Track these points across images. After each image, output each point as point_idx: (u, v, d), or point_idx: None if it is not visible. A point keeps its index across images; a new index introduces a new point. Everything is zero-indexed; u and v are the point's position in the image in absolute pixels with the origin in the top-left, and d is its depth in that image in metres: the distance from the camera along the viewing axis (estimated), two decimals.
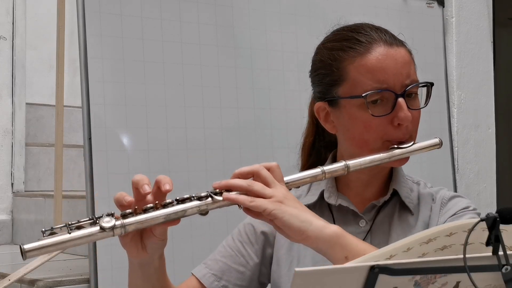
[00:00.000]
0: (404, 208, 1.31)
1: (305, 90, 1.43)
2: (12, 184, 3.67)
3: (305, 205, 1.34)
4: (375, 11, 2.83)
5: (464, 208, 1.28)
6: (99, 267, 2.13)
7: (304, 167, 1.44)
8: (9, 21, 3.75)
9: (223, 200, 1.11)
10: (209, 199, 1.11)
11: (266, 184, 1.13)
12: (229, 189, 1.12)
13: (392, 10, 2.93)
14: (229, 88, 2.45)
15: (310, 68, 1.35)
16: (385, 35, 1.28)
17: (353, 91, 1.24)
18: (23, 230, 3.54)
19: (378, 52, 1.24)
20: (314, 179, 1.21)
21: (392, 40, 1.28)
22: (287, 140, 2.52)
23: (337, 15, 1.37)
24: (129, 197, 1.08)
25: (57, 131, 2.52)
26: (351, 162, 1.22)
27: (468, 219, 0.88)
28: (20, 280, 2.43)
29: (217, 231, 2.25)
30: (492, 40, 3.40)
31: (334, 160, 1.35)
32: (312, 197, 1.36)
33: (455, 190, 3.06)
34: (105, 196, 2.15)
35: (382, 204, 1.32)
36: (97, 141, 2.16)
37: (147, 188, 1.08)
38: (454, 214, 1.27)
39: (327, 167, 1.21)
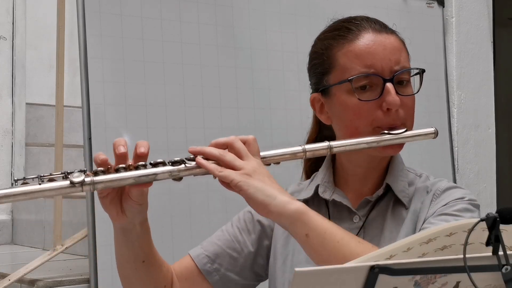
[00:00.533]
0: (398, 202, 1.29)
1: (305, 90, 1.43)
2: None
3: (302, 200, 1.35)
4: (375, 11, 2.83)
5: (458, 199, 1.25)
6: (99, 267, 2.13)
7: (306, 165, 1.45)
8: (9, 21, 3.76)
9: (196, 165, 1.12)
10: (182, 165, 1.12)
11: (239, 156, 1.14)
12: (204, 157, 1.14)
13: (392, 10, 2.93)
14: (229, 88, 2.45)
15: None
16: (375, 23, 1.29)
17: (342, 77, 1.25)
18: (23, 230, 3.54)
19: (366, 38, 1.25)
20: (293, 156, 1.21)
21: (382, 28, 1.28)
22: (287, 140, 2.52)
23: (337, 15, 1.37)
24: (103, 156, 1.11)
25: (57, 131, 2.52)
26: (334, 143, 1.22)
27: (468, 220, 0.88)
28: (20, 280, 2.43)
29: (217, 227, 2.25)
30: (492, 40, 3.40)
31: (333, 156, 1.35)
32: (309, 192, 1.36)
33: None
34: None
35: (377, 199, 1.30)
36: (97, 141, 2.16)
37: (122, 149, 1.12)
38: (446, 204, 1.24)
39: (309, 146, 1.21)
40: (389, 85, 1.23)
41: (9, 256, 3.30)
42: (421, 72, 1.31)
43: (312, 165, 1.44)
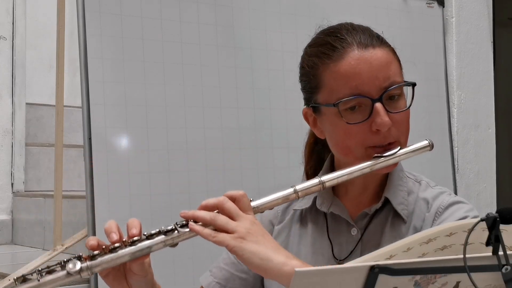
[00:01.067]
0: (397, 215, 1.26)
1: None
2: (12, 184, 3.67)
3: (300, 210, 1.34)
4: (375, 11, 2.84)
5: (461, 219, 1.20)
6: None
7: (307, 167, 1.43)
8: (9, 21, 3.75)
9: (189, 232, 1.12)
10: (175, 232, 1.12)
11: (231, 217, 1.12)
12: (195, 220, 1.13)
13: (392, 10, 2.93)
14: (229, 88, 2.45)
15: None
16: (360, 37, 1.22)
17: (329, 99, 1.21)
18: (23, 230, 3.54)
19: (351, 57, 1.20)
20: (286, 199, 1.18)
21: (368, 42, 1.22)
22: (287, 140, 2.52)
23: (337, 15, 1.36)
24: (93, 241, 1.12)
25: (57, 131, 2.52)
26: (326, 178, 1.19)
27: (468, 220, 0.87)
28: None
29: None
30: (492, 40, 3.40)
31: (332, 162, 1.33)
32: (307, 201, 1.34)
33: (455, 190, 3.06)
34: (105, 196, 2.15)
35: (375, 211, 1.28)
36: (97, 141, 2.16)
37: (115, 237, 1.11)
38: None
39: (300, 186, 1.18)
40: (378, 105, 1.18)
41: (9, 256, 3.30)
42: (412, 85, 1.24)
43: (313, 167, 1.42)
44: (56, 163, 2.53)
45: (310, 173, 1.43)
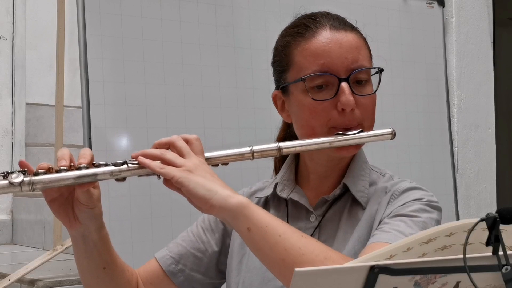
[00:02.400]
0: (356, 202, 1.27)
1: None
2: None
3: (263, 198, 1.35)
4: (375, 11, 2.84)
5: (415, 199, 1.21)
6: None
7: (275, 165, 1.44)
8: (9, 21, 3.76)
9: (138, 165, 1.12)
10: (125, 165, 1.12)
11: (181, 154, 1.14)
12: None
13: (392, 10, 2.93)
14: (229, 88, 2.45)
15: None
16: (334, 20, 1.26)
17: (297, 76, 1.23)
18: (23, 230, 3.55)
19: (323, 36, 1.23)
20: (241, 157, 1.20)
21: (340, 25, 1.25)
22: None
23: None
24: (43, 164, 1.11)
25: (57, 131, 2.52)
26: (284, 144, 1.20)
27: (468, 220, 0.87)
28: (20, 280, 2.43)
29: None
30: (492, 40, 3.40)
31: (297, 155, 1.34)
32: (269, 190, 1.35)
33: (455, 190, 3.06)
34: (105, 196, 2.15)
35: (335, 198, 1.28)
36: (97, 141, 2.16)
37: (63, 162, 1.10)
38: (403, 205, 1.20)
39: (257, 146, 1.19)
40: (344, 84, 1.20)
41: (9, 256, 3.30)
42: (380, 71, 1.26)
43: (282, 161, 1.42)
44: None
45: (279, 168, 1.43)
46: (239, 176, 2.42)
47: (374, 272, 0.79)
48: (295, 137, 1.33)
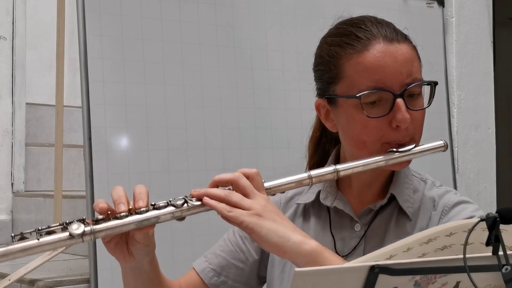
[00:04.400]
0: (402, 213, 1.25)
1: (305, 90, 1.42)
2: (12, 184, 3.67)
3: (303, 205, 1.33)
4: (375, 11, 2.83)
5: (466, 218, 1.17)
6: (99, 267, 2.13)
7: (311, 161, 1.40)
8: (9, 21, 3.75)
9: (202, 204, 1.09)
10: (185, 205, 1.08)
11: (245, 194, 1.09)
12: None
13: (392, 10, 2.92)
14: (229, 88, 2.45)
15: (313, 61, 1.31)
16: (386, 30, 1.21)
17: (350, 91, 1.19)
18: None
19: (376, 50, 1.18)
20: (300, 184, 1.16)
21: (393, 36, 1.21)
22: (287, 140, 2.52)
23: (337, 16, 1.36)
24: (103, 204, 1.08)
25: (57, 131, 2.52)
26: (341, 167, 1.17)
27: (468, 220, 0.87)
28: (20, 280, 2.43)
29: (217, 230, 2.25)
30: (492, 40, 3.40)
31: (337, 157, 1.31)
32: (311, 195, 1.33)
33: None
34: (105, 196, 2.15)
35: (380, 208, 1.26)
36: (97, 141, 2.16)
37: (122, 207, 1.07)
38: None
39: (315, 172, 1.16)
40: (399, 101, 1.17)
41: None
42: (434, 84, 1.25)
43: (316, 163, 1.39)
44: (56, 163, 2.53)
45: (314, 168, 1.41)
46: None
47: (374, 272, 0.79)
48: (335, 139, 1.31)
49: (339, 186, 1.31)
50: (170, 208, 1.08)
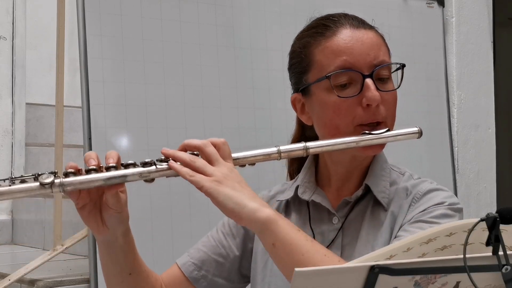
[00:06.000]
0: (378, 203, 1.26)
1: None
2: None
3: (284, 201, 1.35)
4: (375, 11, 2.83)
5: (437, 204, 1.21)
6: (99, 267, 2.13)
7: (291, 168, 1.44)
8: (9, 21, 3.76)
9: (167, 167, 1.11)
10: (153, 166, 1.11)
11: (210, 161, 1.13)
12: (174, 159, 1.13)
13: (392, 10, 2.93)
14: (229, 88, 2.45)
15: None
16: (353, 19, 1.27)
17: (320, 75, 1.23)
18: (23, 230, 3.54)
19: (344, 34, 1.23)
20: (268, 157, 1.19)
21: (360, 24, 1.26)
22: (287, 140, 2.51)
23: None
24: (73, 163, 1.10)
25: (57, 131, 2.52)
26: (311, 144, 1.19)
27: (468, 220, 0.87)
28: (20, 280, 2.43)
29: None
30: (492, 40, 3.40)
31: (316, 156, 1.33)
32: (290, 192, 1.34)
33: (455, 190, 3.06)
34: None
35: (357, 200, 1.28)
36: (97, 141, 2.16)
37: (92, 162, 1.10)
38: (424, 210, 1.20)
39: (284, 147, 1.20)
40: (368, 80, 1.20)
41: (9, 256, 3.30)
42: (402, 67, 1.27)
43: (295, 165, 1.42)
44: (56, 163, 2.52)
45: (293, 172, 1.43)
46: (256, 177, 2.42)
47: (374, 272, 0.79)
48: (312, 139, 1.31)
49: (318, 182, 1.33)
50: (139, 169, 1.11)
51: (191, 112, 2.36)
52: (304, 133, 1.39)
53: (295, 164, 1.42)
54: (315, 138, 1.30)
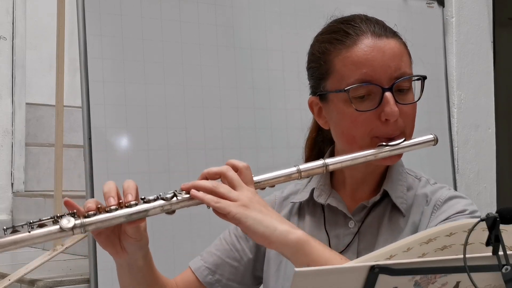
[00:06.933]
0: (396, 209, 1.25)
1: (305, 90, 1.42)
2: (12, 184, 3.67)
3: (298, 203, 1.34)
4: (375, 11, 2.83)
5: (459, 212, 1.21)
6: (99, 267, 2.13)
7: (307, 161, 1.42)
8: (9, 21, 3.76)
9: (190, 197, 1.10)
10: (174, 198, 1.10)
11: (233, 186, 1.11)
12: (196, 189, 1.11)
13: (392, 10, 2.92)
14: (229, 88, 2.45)
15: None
16: (374, 26, 1.23)
17: (339, 85, 1.20)
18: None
19: (365, 44, 1.20)
20: (288, 178, 1.18)
21: (382, 32, 1.22)
22: (287, 140, 2.52)
23: (337, 13, 1.36)
24: (91, 204, 1.08)
25: (57, 131, 2.52)
26: (330, 161, 1.18)
27: (468, 220, 0.87)
28: (20, 280, 2.43)
29: (218, 230, 2.25)
30: (492, 40, 3.40)
31: (332, 154, 1.32)
32: (305, 194, 1.34)
33: (455, 190, 3.06)
34: None
35: (373, 204, 1.27)
36: (97, 141, 2.16)
37: (112, 201, 1.08)
38: (447, 219, 1.20)
39: (303, 166, 1.18)
40: (388, 94, 1.18)
41: (9, 256, 3.29)
42: (422, 78, 1.25)
43: (315, 155, 1.40)
44: (56, 163, 2.52)
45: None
46: None
47: (374, 272, 0.79)
48: (328, 140, 1.32)
49: (333, 184, 1.32)
50: (160, 202, 1.09)
51: (191, 112, 2.36)
52: (321, 131, 1.37)
53: (312, 159, 1.38)
54: (331, 139, 1.30)
